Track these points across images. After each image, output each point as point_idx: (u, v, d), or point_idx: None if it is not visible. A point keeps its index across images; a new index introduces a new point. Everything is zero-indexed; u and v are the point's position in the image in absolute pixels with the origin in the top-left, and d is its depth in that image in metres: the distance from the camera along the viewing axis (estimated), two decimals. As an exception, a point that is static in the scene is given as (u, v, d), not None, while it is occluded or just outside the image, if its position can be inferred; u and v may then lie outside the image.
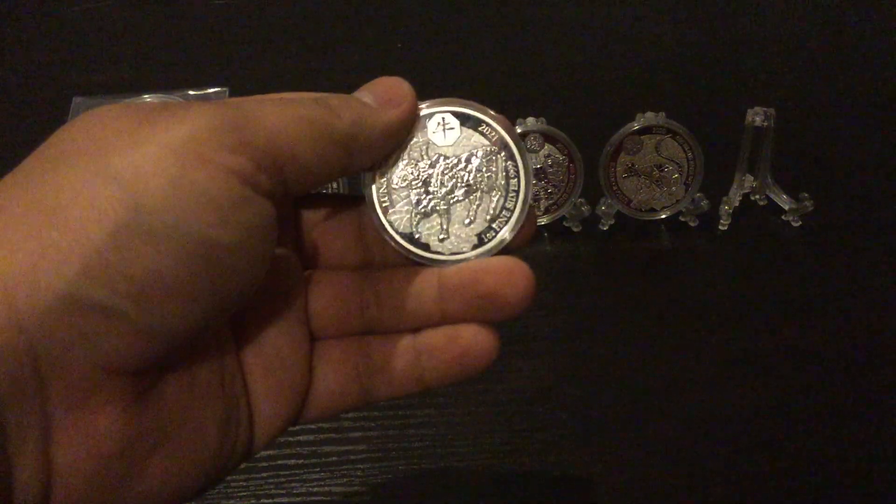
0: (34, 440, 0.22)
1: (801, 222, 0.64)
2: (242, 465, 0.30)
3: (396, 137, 0.30)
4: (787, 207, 0.64)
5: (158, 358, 0.24)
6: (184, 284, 0.23)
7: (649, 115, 0.61)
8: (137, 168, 0.23)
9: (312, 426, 0.52)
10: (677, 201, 0.63)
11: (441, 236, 0.30)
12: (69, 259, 0.22)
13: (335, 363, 0.31)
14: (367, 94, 0.29)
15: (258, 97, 0.27)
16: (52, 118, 0.74)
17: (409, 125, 0.30)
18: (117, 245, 0.22)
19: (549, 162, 0.61)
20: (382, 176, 0.30)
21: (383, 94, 0.29)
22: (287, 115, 0.26)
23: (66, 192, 0.22)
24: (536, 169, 0.61)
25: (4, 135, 0.74)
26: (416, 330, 0.30)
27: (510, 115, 0.65)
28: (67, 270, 0.22)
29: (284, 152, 0.25)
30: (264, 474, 0.50)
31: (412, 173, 0.30)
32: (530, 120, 0.61)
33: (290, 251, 0.31)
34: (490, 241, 0.30)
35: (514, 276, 0.28)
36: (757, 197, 0.65)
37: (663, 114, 0.61)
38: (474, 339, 0.29)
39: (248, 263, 0.25)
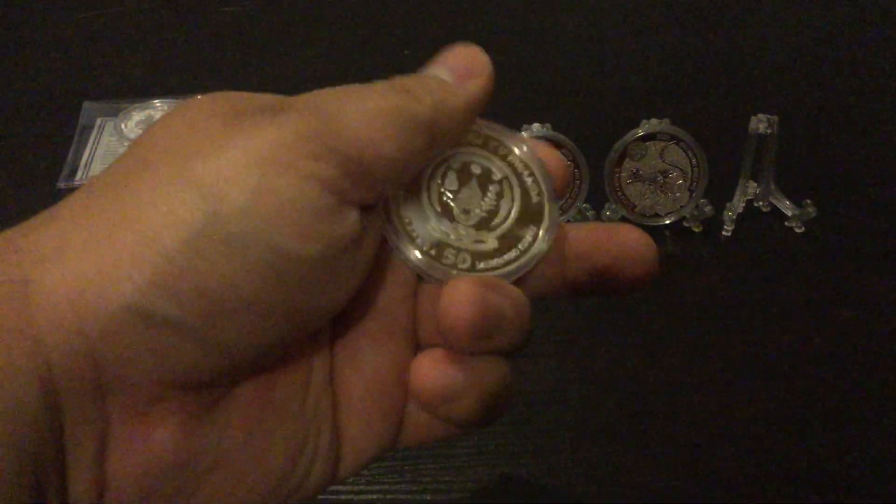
0: (91, 452, 0.21)
1: (804, 228, 0.65)
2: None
3: (477, 112, 0.27)
4: (790, 213, 0.65)
5: (226, 374, 0.23)
6: (258, 298, 0.22)
7: (654, 121, 0.61)
8: (218, 174, 0.21)
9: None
10: (681, 207, 0.64)
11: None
12: (140, 266, 0.21)
13: None
14: (443, 69, 0.27)
15: (338, 90, 0.25)
16: (63, 123, 0.74)
17: (490, 96, 0.27)
18: (191, 253, 0.21)
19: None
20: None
21: (460, 66, 0.27)
22: (369, 111, 0.24)
23: (145, 196, 0.21)
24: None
25: (16, 139, 0.74)
26: None
27: (515, 121, 0.66)
28: (138, 278, 0.20)
29: (370, 153, 0.23)
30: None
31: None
32: (536, 126, 0.62)
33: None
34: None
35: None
36: (760, 203, 0.66)
37: (667, 120, 0.62)
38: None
39: (329, 279, 0.23)
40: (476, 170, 0.28)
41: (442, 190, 0.28)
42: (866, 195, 0.67)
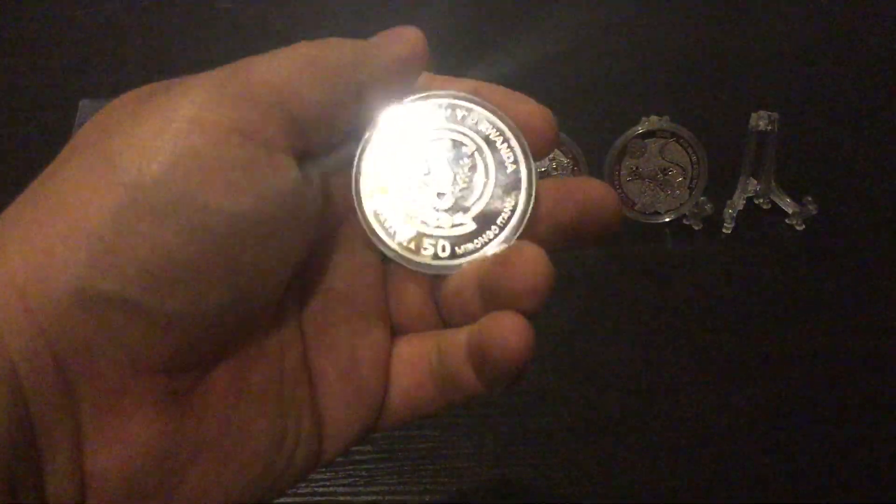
0: (66, 447, 0.21)
1: (804, 226, 0.64)
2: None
3: (406, 74, 0.27)
4: (790, 211, 0.65)
5: (189, 353, 0.23)
6: (196, 263, 0.22)
7: (653, 118, 0.61)
8: (135, 146, 0.21)
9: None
10: (681, 204, 0.64)
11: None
12: (74, 250, 0.21)
13: (410, 361, 0.28)
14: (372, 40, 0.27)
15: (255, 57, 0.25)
16: (60, 121, 0.74)
17: (419, 63, 0.27)
18: (120, 228, 0.21)
19: (554, 165, 0.61)
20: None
21: (386, 34, 0.27)
22: (283, 57, 0.24)
23: (70, 182, 0.22)
24: (541, 172, 0.61)
25: (12, 137, 0.74)
26: None
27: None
28: (75, 263, 0.21)
29: (288, 95, 0.23)
30: (269, 474, 0.51)
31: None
32: (535, 123, 0.61)
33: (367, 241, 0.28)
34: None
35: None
36: (760, 200, 0.66)
37: (667, 117, 0.61)
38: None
39: (270, 235, 0.23)
40: (445, 145, 0.28)
41: (412, 176, 0.27)
42: (867, 193, 0.67)
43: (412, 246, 0.27)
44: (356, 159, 0.27)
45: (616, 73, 0.79)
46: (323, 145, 0.25)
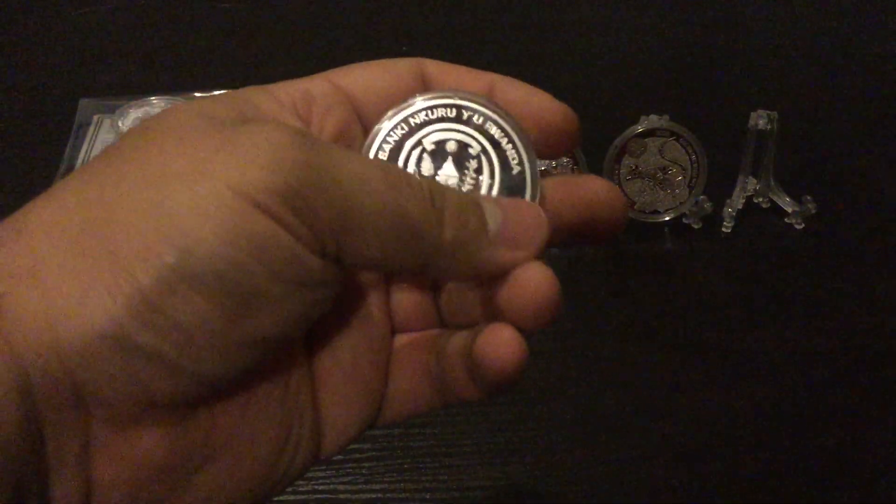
0: (74, 456, 0.21)
1: (803, 225, 0.64)
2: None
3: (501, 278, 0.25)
4: (789, 210, 0.65)
5: (203, 396, 0.23)
6: (228, 331, 0.22)
7: (653, 117, 0.61)
8: (192, 210, 0.21)
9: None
10: (681, 203, 0.64)
11: None
12: (115, 297, 0.21)
13: (407, 361, 0.28)
14: (497, 211, 0.25)
15: (342, 149, 0.24)
16: (60, 119, 0.74)
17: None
18: (164, 289, 0.21)
19: (554, 164, 0.61)
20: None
21: (515, 227, 0.25)
22: (375, 202, 0.23)
23: (120, 225, 0.21)
24: (541, 171, 0.61)
25: (13, 136, 0.74)
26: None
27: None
28: (113, 309, 0.21)
29: (351, 238, 0.23)
30: (269, 473, 0.51)
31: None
32: (535, 122, 0.61)
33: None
34: None
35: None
36: (760, 199, 0.66)
37: (667, 116, 0.61)
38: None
39: (299, 310, 0.23)
40: (451, 147, 0.28)
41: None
42: (866, 192, 0.67)
43: None
44: (365, 155, 0.27)
45: (616, 72, 0.79)
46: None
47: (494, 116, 0.28)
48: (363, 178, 0.23)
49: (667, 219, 0.64)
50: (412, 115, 0.27)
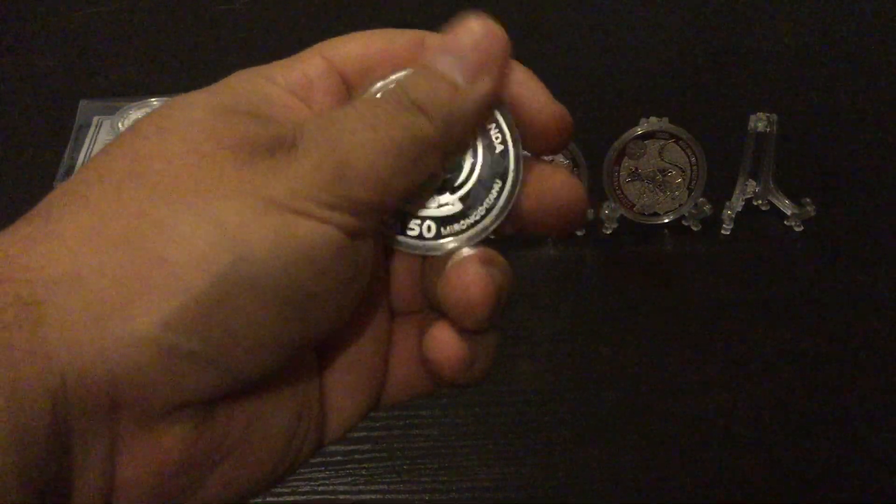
0: (99, 459, 0.22)
1: (802, 227, 0.65)
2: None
3: (490, 106, 0.26)
4: (789, 212, 0.65)
5: (233, 392, 0.24)
6: (277, 334, 0.23)
7: (653, 119, 0.61)
8: (241, 217, 0.22)
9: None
10: (680, 206, 0.64)
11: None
12: (167, 303, 0.21)
13: (403, 344, 0.29)
14: (454, 61, 0.26)
15: (347, 116, 0.24)
16: (60, 121, 0.74)
17: (504, 89, 0.26)
18: (218, 295, 0.21)
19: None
20: None
21: (473, 55, 0.26)
22: (380, 148, 0.24)
23: (168, 232, 0.21)
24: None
25: (13, 137, 0.74)
26: None
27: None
28: (164, 315, 0.21)
29: (384, 192, 0.24)
30: (269, 474, 0.51)
31: None
32: (534, 124, 0.61)
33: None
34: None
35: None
36: (759, 202, 0.66)
37: (667, 119, 0.61)
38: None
39: (338, 307, 0.24)
40: None
41: None
42: (865, 194, 0.68)
43: (398, 225, 0.27)
44: None
45: (615, 75, 0.79)
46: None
47: None
48: (362, 145, 0.24)
49: (666, 221, 0.64)
50: None
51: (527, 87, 0.27)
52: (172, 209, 0.22)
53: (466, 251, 0.26)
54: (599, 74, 0.79)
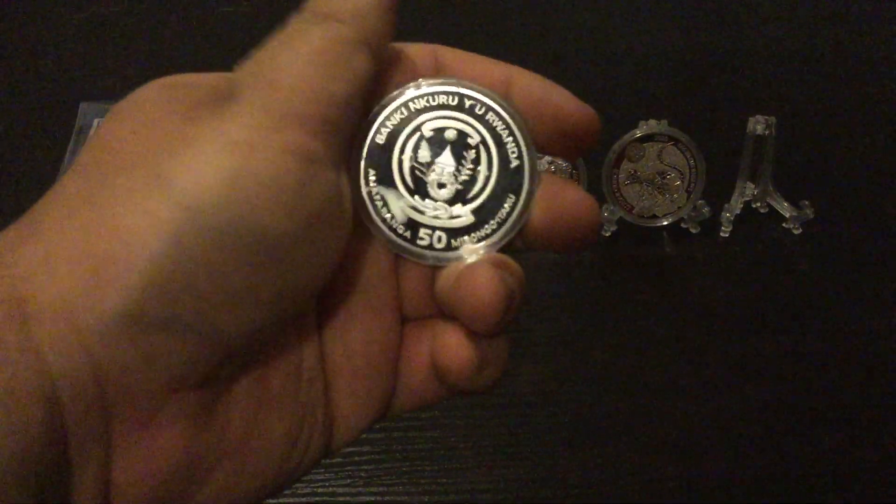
0: (96, 461, 0.21)
1: (801, 229, 0.65)
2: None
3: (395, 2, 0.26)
4: (787, 215, 0.65)
5: (222, 367, 0.23)
6: (248, 285, 0.22)
7: (652, 122, 0.61)
8: (190, 167, 0.21)
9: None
10: (679, 208, 0.64)
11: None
12: (129, 273, 0.20)
13: (415, 349, 0.28)
14: None
15: (271, 49, 0.25)
16: (59, 123, 0.74)
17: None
18: (177, 253, 0.21)
19: (553, 169, 0.61)
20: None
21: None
22: (308, 60, 0.23)
23: (120, 201, 0.21)
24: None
25: (12, 140, 0.74)
26: None
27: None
28: (128, 287, 0.20)
29: (324, 102, 0.23)
30: (268, 476, 0.51)
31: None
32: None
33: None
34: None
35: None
36: (758, 204, 0.66)
37: (665, 122, 0.62)
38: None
39: (314, 250, 0.23)
40: (450, 135, 0.27)
41: (414, 164, 0.27)
42: (864, 197, 0.68)
43: (407, 234, 0.27)
44: (362, 137, 0.27)
45: (614, 78, 0.79)
46: (350, 133, 0.25)
47: (496, 107, 0.27)
48: (287, 62, 0.24)
49: (665, 223, 0.64)
50: (412, 100, 0.27)
51: (546, 90, 0.27)
52: (127, 179, 0.22)
53: (478, 255, 0.26)
54: (598, 77, 0.79)
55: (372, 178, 0.27)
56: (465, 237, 0.27)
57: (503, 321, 0.24)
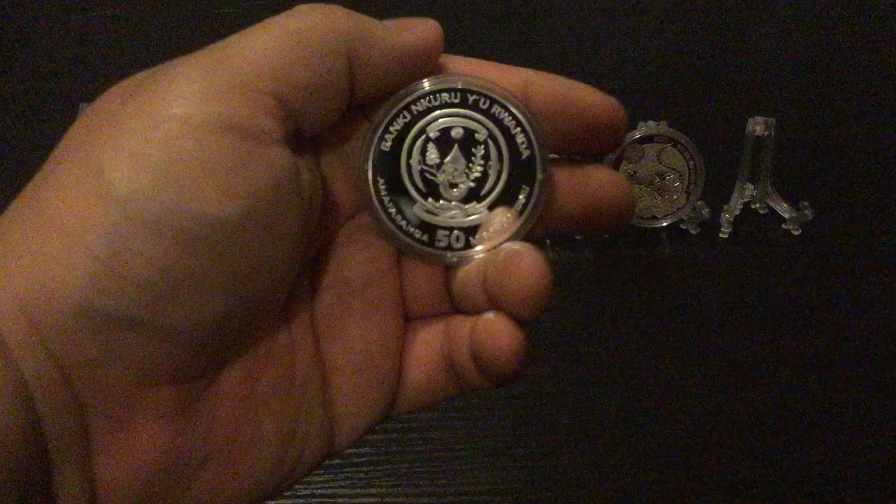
0: (76, 458, 0.21)
1: (800, 231, 0.65)
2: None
3: (412, 66, 0.25)
4: (787, 216, 0.65)
5: (192, 361, 0.22)
6: (195, 274, 0.21)
7: (651, 123, 0.61)
8: (123, 154, 0.21)
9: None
10: (678, 209, 0.64)
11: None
12: (73, 270, 0.20)
13: (422, 348, 0.27)
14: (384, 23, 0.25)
15: (244, 30, 0.24)
16: (60, 125, 0.74)
17: (427, 60, 0.25)
18: (115, 246, 0.20)
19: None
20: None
21: (400, 20, 0.25)
22: (270, 34, 0.22)
23: (62, 197, 0.21)
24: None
25: (12, 141, 0.74)
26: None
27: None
28: (74, 282, 0.20)
29: (278, 79, 0.22)
30: (268, 477, 0.51)
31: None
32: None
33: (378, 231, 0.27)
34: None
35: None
36: (757, 205, 0.66)
37: (665, 122, 0.62)
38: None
39: (271, 233, 0.22)
40: (457, 134, 0.27)
41: (423, 167, 0.26)
42: (863, 198, 0.68)
43: (425, 238, 0.26)
44: (367, 146, 0.26)
45: (613, 78, 0.79)
46: (316, 126, 0.24)
47: (501, 100, 0.26)
48: (265, 24, 0.23)
49: (664, 224, 0.64)
50: (414, 102, 0.26)
51: (567, 88, 0.27)
52: (64, 173, 0.21)
53: (518, 244, 0.26)
54: (597, 78, 0.78)
55: (382, 186, 0.26)
56: (484, 233, 0.26)
57: (545, 304, 0.24)
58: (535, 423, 0.53)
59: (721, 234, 0.65)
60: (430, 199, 0.26)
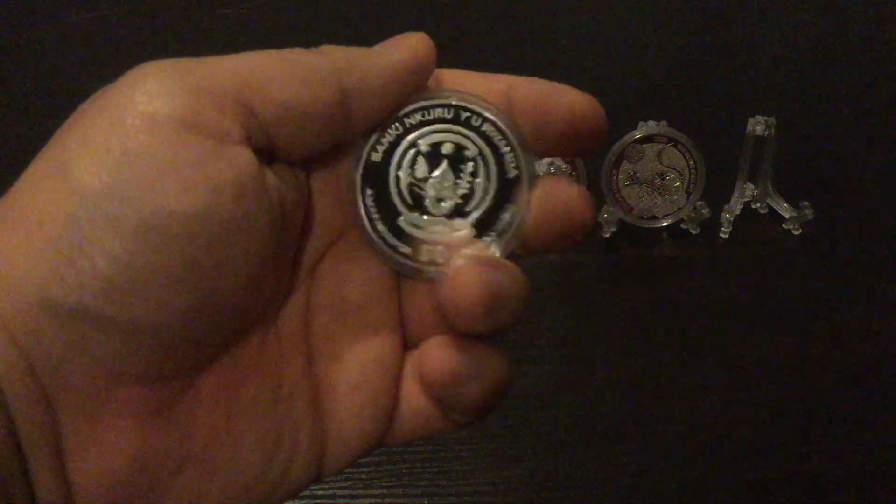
0: (48, 452, 0.21)
1: (801, 230, 0.65)
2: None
3: (404, 85, 0.25)
4: (787, 216, 0.65)
5: (160, 360, 0.22)
6: (155, 269, 0.21)
7: (651, 123, 0.61)
8: (87, 149, 0.21)
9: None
10: (679, 209, 0.64)
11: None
12: (36, 263, 0.20)
13: (417, 377, 0.26)
14: (376, 47, 0.25)
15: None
16: (60, 123, 0.74)
17: (422, 74, 0.25)
18: (75, 239, 0.20)
19: (552, 170, 0.61)
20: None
21: (389, 41, 0.25)
22: (259, 56, 0.23)
23: (28, 191, 0.21)
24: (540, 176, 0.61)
25: (13, 143, 0.74)
26: None
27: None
28: (36, 275, 0.20)
29: (250, 89, 0.22)
30: (268, 477, 0.51)
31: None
32: (533, 128, 0.62)
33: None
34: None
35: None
36: (758, 205, 0.66)
37: (665, 122, 0.62)
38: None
39: (231, 231, 0.22)
40: (447, 149, 0.27)
41: (411, 180, 0.26)
42: (863, 197, 0.68)
43: (408, 251, 0.26)
44: (358, 156, 0.26)
45: (614, 79, 0.79)
46: (298, 147, 0.24)
47: (492, 118, 0.27)
48: (252, 53, 0.23)
49: (665, 224, 0.64)
50: (407, 116, 0.26)
51: (549, 91, 0.27)
52: (34, 168, 0.22)
53: (463, 257, 0.26)
54: (598, 78, 0.79)
55: (370, 196, 0.26)
56: (467, 251, 0.26)
57: (490, 320, 0.24)
58: (536, 423, 0.53)
59: (721, 234, 0.65)
60: (416, 213, 0.26)
